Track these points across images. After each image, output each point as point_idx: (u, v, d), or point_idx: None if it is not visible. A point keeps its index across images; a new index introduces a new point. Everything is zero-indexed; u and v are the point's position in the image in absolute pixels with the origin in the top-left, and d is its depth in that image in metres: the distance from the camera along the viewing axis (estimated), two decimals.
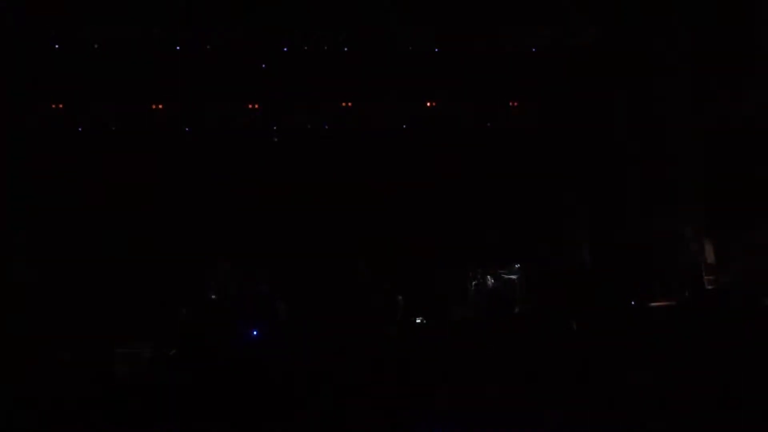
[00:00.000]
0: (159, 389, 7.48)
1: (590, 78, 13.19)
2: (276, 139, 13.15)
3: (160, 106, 12.55)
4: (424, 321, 12.20)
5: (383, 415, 5.71)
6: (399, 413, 5.82)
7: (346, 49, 12.76)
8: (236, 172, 12.71)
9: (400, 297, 12.46)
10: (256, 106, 12.82)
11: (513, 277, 11.87)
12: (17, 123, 11.76)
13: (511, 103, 13.41)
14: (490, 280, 11.76)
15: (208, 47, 12.32)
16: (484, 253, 12.20)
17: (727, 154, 11.91)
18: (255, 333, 11.37)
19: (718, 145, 12.13)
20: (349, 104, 13.16)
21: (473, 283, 11.83)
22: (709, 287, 12.20)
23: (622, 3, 12.74)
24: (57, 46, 11.81)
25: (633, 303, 12.25)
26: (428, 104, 13.41)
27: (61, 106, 12.20)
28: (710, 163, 12.39)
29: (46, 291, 11.32)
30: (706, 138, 12.46)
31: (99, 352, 10.26)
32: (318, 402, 5.75)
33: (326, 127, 13.62)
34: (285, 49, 12.65)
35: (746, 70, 11.51)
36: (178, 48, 12.19)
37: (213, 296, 11.02)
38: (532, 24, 12.93)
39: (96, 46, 11.95)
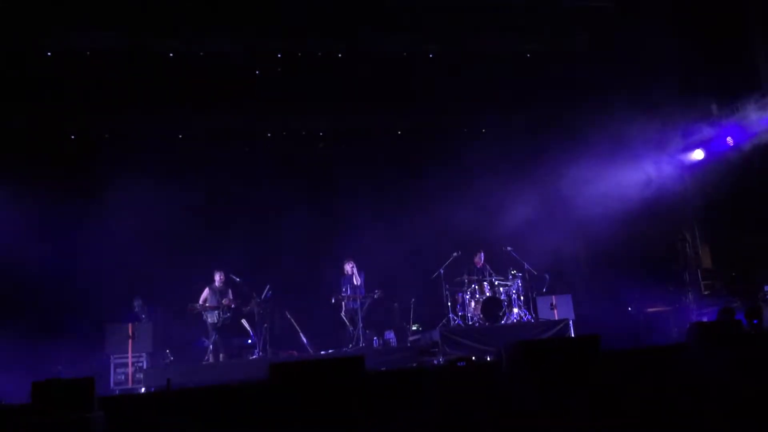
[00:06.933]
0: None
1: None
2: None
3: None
4: (420, 328, 12.16)
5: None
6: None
7: (340, 56, 12.68)
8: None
9: (396, 304, 12.44)
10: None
11: (508, 284, 11.83)
12: None
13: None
14: (486, 287, 11.71)
15: (201, 54, 12.26)
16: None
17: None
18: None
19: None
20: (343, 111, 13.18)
21: (468, 289, 11.78)
22: (706, 293, 12.22)
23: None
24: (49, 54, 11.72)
25: (630, 309, 12.30)
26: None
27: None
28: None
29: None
30: None
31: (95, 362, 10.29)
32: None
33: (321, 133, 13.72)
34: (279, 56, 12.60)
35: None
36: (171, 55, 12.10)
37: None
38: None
39: (88, 53, 11.85)
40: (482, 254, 12.12)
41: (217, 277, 11.32)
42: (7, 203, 10.82)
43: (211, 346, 10.90)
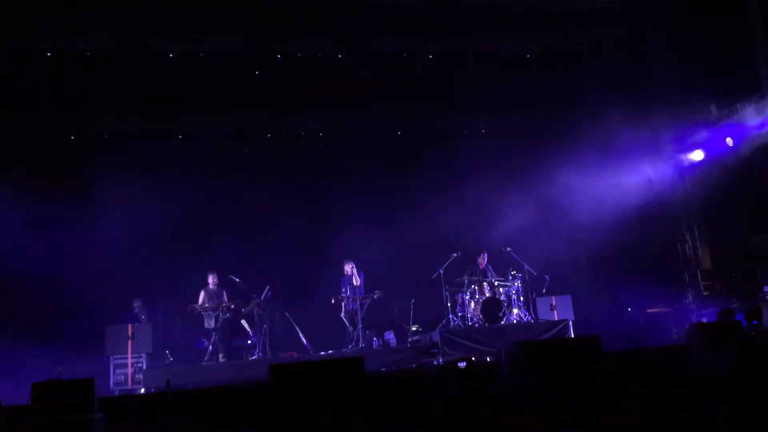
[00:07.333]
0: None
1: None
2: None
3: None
4: (420, 328, 12.15)
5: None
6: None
7: (340, 56, 12.71)
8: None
9: (395, 305, 12.42)
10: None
11: (508, 284, 11.82)
12: None
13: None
14: (485, 288, 11.70)
15: (201, 54, 12.27)
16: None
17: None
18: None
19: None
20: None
21: (468, 290, 11.77)
22: (706, 293, 12.21)
23: None
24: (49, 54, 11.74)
25: (629, 310, 12.29)
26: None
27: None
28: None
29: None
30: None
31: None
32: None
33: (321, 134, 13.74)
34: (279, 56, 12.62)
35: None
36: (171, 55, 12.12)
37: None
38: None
39: (88, 53, 11.87)
40: (485, 255, 12.10)
41: (210, 280, 11.29)
42: (6, 204, 10.81)
43: (210, 347, 10.90)
